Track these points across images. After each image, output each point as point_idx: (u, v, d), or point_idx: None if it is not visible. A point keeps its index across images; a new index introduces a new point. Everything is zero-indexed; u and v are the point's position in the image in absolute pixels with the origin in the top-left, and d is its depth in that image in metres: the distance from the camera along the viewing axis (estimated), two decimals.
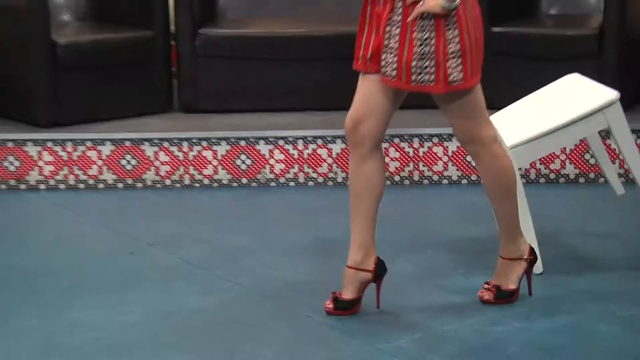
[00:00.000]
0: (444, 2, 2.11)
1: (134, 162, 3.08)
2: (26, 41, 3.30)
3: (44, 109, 3.28)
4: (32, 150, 3.12)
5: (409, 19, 2.16)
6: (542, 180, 3.19)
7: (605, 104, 2.54)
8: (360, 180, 2.27)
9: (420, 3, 2.14)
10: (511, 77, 3.33)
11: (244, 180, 3.04)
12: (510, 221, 2.42)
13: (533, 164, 3.16)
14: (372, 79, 2.25)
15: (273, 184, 3.13)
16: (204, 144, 3.12)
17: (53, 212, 3.10)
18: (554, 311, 2.29)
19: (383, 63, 2.20)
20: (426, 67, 2.20)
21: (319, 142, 3.10)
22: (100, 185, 3.10)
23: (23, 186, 3.16)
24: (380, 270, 2.25)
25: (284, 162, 3.16)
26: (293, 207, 2.50)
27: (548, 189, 3.27)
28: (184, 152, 3.10)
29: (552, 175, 3.18)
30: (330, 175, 3.13)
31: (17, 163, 3.13)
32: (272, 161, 3.14)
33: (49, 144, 3.14)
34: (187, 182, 3.12)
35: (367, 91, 2.26)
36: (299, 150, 3.10)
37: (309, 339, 2.16)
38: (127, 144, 3.10)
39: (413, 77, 2.19)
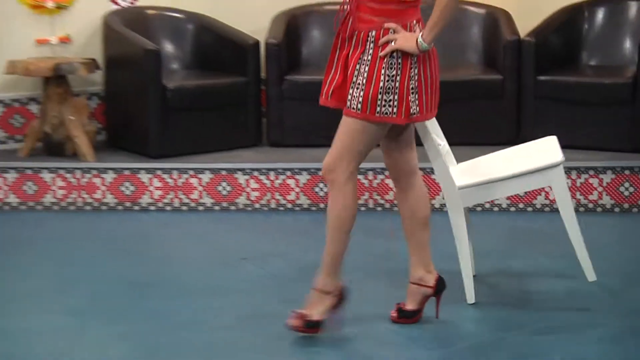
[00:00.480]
0: (422, 45, 2.28)
1: (228, 188, 3.43)
2: (142, 86, 3.70)
3: (155, 142, 3.66)
4: (144, 177, 3.52)
5: (381, 54, 2.30)
6: (581, 209, 3.39)
7: (548, 165, 2.68)
8: (405, 207, 2.51)
9: (392, 42, 2.31)
10: (554, 119, 3.60)
11: (322, 205, 3.31)
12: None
13: (573, 195, 3.34)
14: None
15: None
16: (288, 173, 3.44)
17: (161, 230, 3.46)
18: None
19: (349, 97, 2.33)
20: (390, 101, 2.35)
21: (387, 173, 3.33)
22: (200, 208, 3.45)
23: (137, 207, 3.54)
24: (440, 287, 2.44)
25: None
26: (361, 229, 2.82)
27: (586, 216, 3.38)
28: (270, 180, 3.45)
29: (590, 205, 3.42)
30: (396, 202, 3.38)
31: (132, 188, 3.54)
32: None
33: (158, 172, 3.52)
34: (273, 205, 3.45)
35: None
36: (369, 179, 3.41)
37: (377, 343, 2.36)
38: (223, 172, 3.46)
39: (377, 109, 2.33)
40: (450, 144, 2.75)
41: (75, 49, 4.14)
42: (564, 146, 3.07)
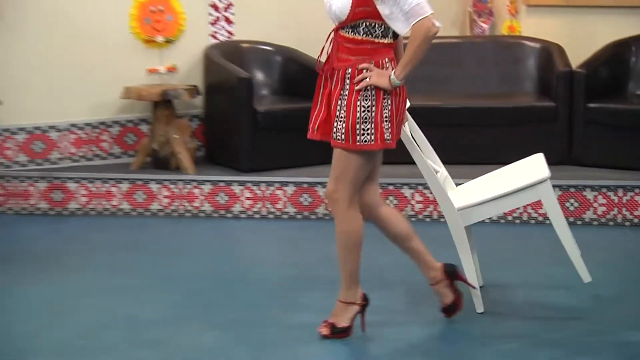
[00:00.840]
0: (394, 81, 2.38)
1: (310, 199, 3.71)
2: (236, 109, 3.95)
3: (246, 158, 3.90)
4: (236, 188, 3.78)
5: (357, 87, 2.40)
6: (627, 223, 3.61)
7: (537, 181, 2.75)
8: (387, 234, 2.68)
9: (368, 78, 2.42)
10: (602, 142, 3.85)
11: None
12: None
13: (620, 210, 3.55)
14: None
15: (413, 219, 3.63)
16: None
17: (250, 235, 3.70)
18: None
19: (334, 130, 2.43)
20: (367, 129, 2.45)
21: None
22: (285, 216, 3.72)
23: (229, 215, 3.80)
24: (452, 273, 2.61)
25: (422, 203, 3.73)
26: (425, 237, 3.03)
27: (631, 230, 3.65)
28: None
29: (635, 220, 3.61)
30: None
31: (226, 198, 3.80)
32: (412, 201, 3.71)
33: (249, 184, 3.78)
34: None
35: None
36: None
37: (440, 339, 2.57)
38: (305, 185, 3.73)
39: (357, 138, 2.42)
40: (508, 163, 2.99)
41: (180, 77, 4.39)
42: (610, 166, 3.25)
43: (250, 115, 3.90)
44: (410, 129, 2.85)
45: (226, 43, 4.45)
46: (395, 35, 2.48)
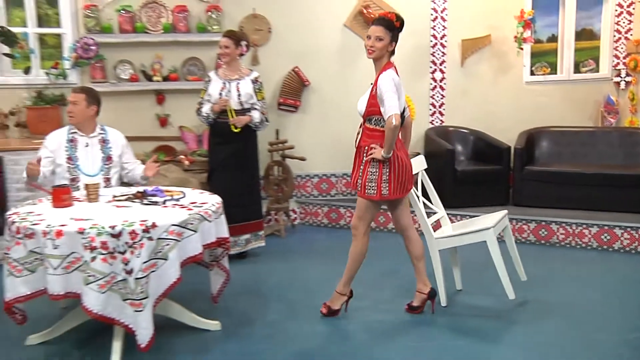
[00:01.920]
0: (383, 155, 3.11)
1: None
2: (443, 169, 5.26)
3: (449, 198, 5.02)
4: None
5: (366, 159, 3.18)
6: None
7: (482, 228, 3.47)
8: (409, 250, 3.43)
9: (372, 153, 3.14)
10: None
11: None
12: (420, 272, 3.41)
13: None
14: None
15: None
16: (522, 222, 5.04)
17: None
18: None
19: (358, 184, 3.23)
20: (372, 186, 3.24)
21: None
22: None
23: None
24: (432, 294, 3.42)
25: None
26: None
27: None
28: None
29: None
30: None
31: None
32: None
33: (450, 215, 4.65)
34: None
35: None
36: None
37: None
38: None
39: (366, 191, 3.23)
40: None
41: (410, 147, 4.68)
42: None
43: (452, 172, 5.31)
44: (423, 181, 3.79)
45: (439, 127, 5.87)
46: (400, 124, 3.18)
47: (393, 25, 3.22)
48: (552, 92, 6.20)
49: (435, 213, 3.82)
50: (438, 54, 5.98)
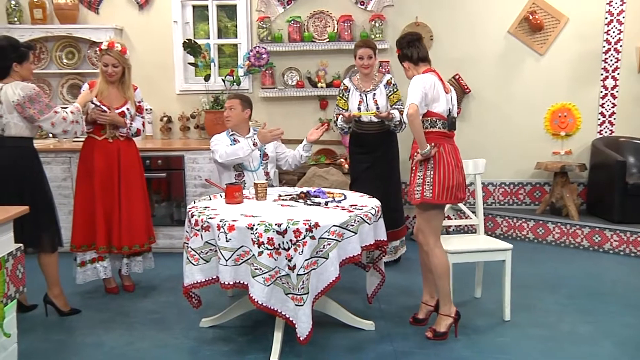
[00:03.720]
0: (420, 151, 3.16)
1: None
2: (612, 180, 5.12)
3: (618, 213, 5.02)
4: (607, 233, 4.99)
5: (413, 163, 3.22)
6: None
7: (504, 248, 3.51)
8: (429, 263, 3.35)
9: (415, 156, 3.21)
10: None
11: None
12: (444, 292, 3.27)
13: None
14: None
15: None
16: None
17: (615, 265, 4.81)
18: None
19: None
20: (418, 190, 3.26)
21: None
22: None
23: (600, 250, 5.01)
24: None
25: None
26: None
27: None
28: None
29: None
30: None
31: (599, 238, 5.02)
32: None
33: (617, 231, 4.96)
34: None
35: None
36: None
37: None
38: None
39: (413, 196, 3.27)
40: None
41: (573, 158, 5.68)
42: None
43: (623, 185, 5.12)
44: (475, 184, 3.80)
45: (608, 137, 5.63)
46: (446, 126, 3.26)
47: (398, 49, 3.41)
48: None
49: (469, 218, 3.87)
50: (611, 60, 5.69)
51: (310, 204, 3.50)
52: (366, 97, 4.47)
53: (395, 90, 4.48)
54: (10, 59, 3.51)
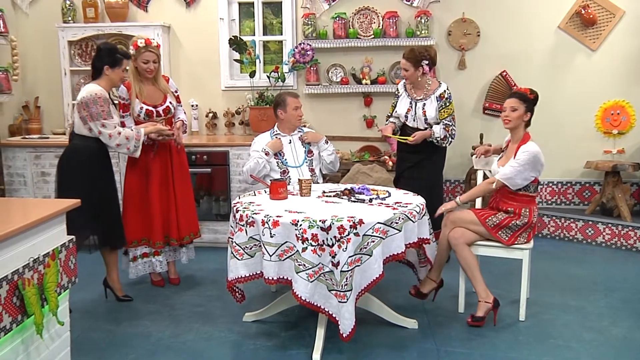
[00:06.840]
0: (457, 202, 3.58)
1: None
2: None
3: None
4: None
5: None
6: None
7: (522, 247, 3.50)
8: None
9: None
10: None
11: None
12: (477, 282, 3.48)
13: None
14: None
15: None
16: None
17: None
18: None
19: None
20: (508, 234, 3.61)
21: None
22: None
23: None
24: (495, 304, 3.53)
25: None
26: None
27: None
28: None
29: None
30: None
31: None
32: None
33: None
34: None
35: None
36: None
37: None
38: None
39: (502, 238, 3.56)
40: None
41: (626, 157, 5.52)
42: None
43: None
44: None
45: None
46: (529, 189, 3.54)
47: (527, 97, 3.55)
48: None
49: None
50: None
51: (354, 201, 3.50)
52: (415, 105, 4.41)
53: (447, 104, 4.34)
54: (104, 62, 3.74)
